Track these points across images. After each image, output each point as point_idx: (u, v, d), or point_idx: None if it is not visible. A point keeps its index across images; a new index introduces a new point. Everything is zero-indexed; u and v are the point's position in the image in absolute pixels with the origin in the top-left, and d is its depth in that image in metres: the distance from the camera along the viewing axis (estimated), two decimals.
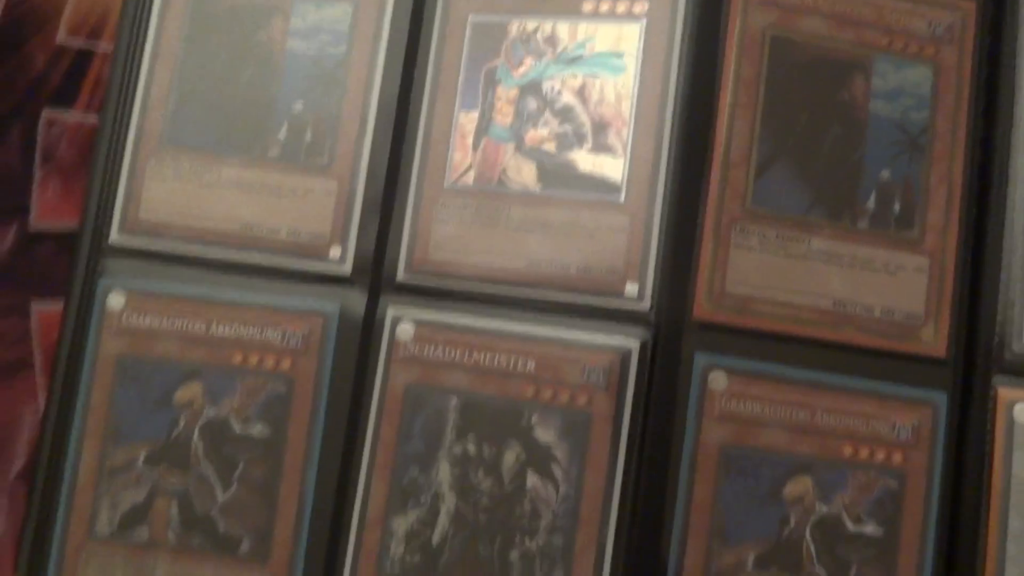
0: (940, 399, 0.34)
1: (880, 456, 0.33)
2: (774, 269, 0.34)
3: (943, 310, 0.34)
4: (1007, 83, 0.36)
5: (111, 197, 0.36)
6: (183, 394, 0.35)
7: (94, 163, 0.37)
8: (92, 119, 0.39)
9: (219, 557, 0.34)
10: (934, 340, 0.34)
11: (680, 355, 0.34)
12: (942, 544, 0.33)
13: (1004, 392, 0.34)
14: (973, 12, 0.36)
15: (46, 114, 0.39)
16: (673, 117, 0.35)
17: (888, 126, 0.35)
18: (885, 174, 0.35)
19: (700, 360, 0.34)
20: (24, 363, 0.38)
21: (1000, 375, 0.34)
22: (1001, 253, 0.35)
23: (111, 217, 0.36)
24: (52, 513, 0.35)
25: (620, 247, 0.34)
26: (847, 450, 0.33)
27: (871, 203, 0.35)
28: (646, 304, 0.34)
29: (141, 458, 0.35)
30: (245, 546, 0.34)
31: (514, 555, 0.33)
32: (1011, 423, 0.34)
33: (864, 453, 0.33)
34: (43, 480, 0.36)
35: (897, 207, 0.35)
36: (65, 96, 0.39)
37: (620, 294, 0.34)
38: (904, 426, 0.33)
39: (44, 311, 0.39)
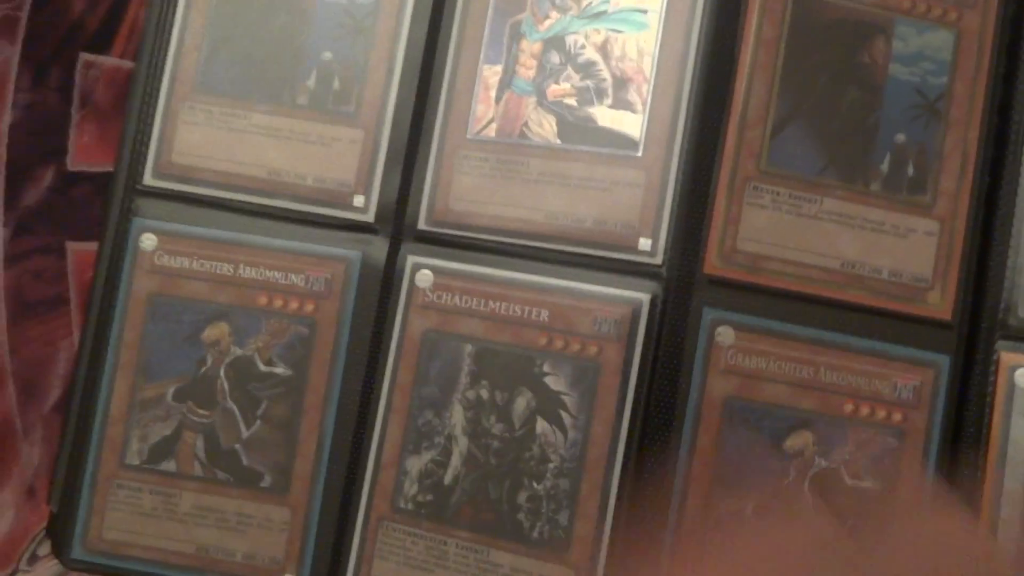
0: (943, 361, 0.34)
1: (881, 414, 0.34)
2: (785, 228, 0.35)
3: (951, 274, 0.35)
4: None
5: (145, 141, 0.37)
6: (210, 333, 0.37)
7: (129, 107, 0.38)
8: (128, 64, 0.40)
9: (241, 489, 0.36)
10: (940, 303, 0.35)
11: (689, 309, 0.35)
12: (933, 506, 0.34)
13: (1007, 356, 0.35)
14: None
15: (83, 58, 0.40)
16: (693, 75, 0.35)
17: (906, 90, 0.35)
18: (900, 137, 0.35)
19: (708, 315, 0.35)
20: (60, 300, 0.40)
21: (1004, 340, 0.35)
22: (1012, 221, 0.35)
23: (144, 160, 0.37)
24: (85, 443, 0.37)
25: (635, 202, 0.35)
26: (848, 407, 0.34)
27: (885, 166, 0.35)
28: (658, 259, 0.35)
29: (170, 393, 0.37)
30: (266, 480, 0.36)
31: (522, 497, 0.35)
32: (1012, 387, 0.34)
33: (865, 411, 0.34)
34: (77, 412, 0.37)
35: (911, 171, 0.35)
36: (102, 41, 0.40)
37: (634, 248, 0.35)
38: (906, 386, 0.34)
39: (80, 250, 0.40)
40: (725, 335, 0.34)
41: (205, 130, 0.37)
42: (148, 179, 0.37)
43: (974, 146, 0.35)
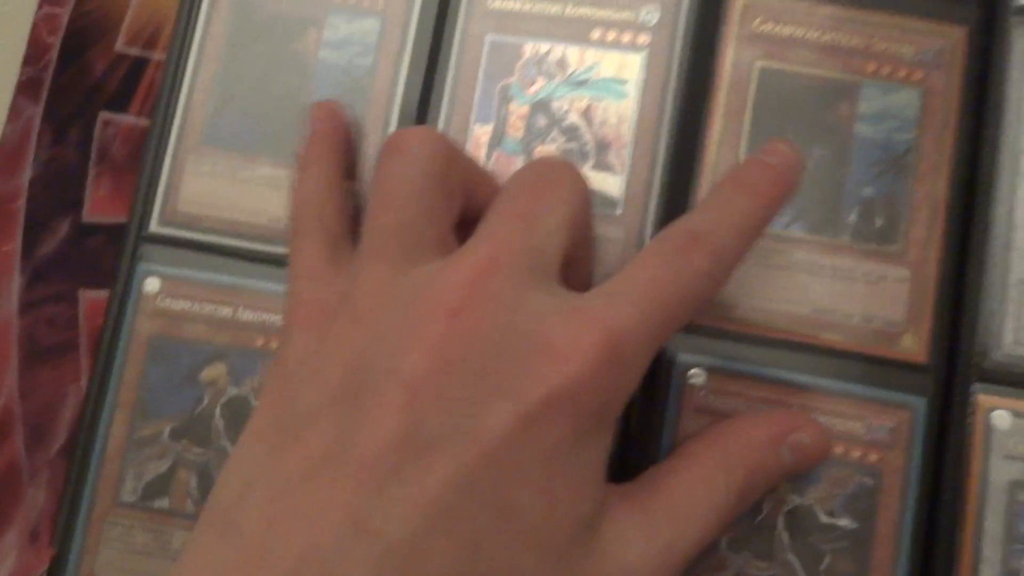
0: (920, 403, 0.35)
1: (856, 454, 0.35)
2: (755, 278, 0.36)
3: (924, 318, 0.36)
4: (994, 106, 0.37)
5: (154, 190, 0.40)
6: (208, 373, 0.38)
7: (142, 160, 0.40)
8: (144, 122, 0.43)
9: None
10: (915, 347, 0.36)
11: (663, 354, 0.36)
12: (918, 542, 0.34)
13: (983, 399, 0.35)
14: (964, 39, 0.38)
15: (102, 116, 0.43)
16: (668, 140, 0.38)
17: (872, 147, 0.37)
18: (868, 191, 0.37)
19: (681, 358, 0.36)
20: (71, 346, 0.42)
21: (979, 382, 0.36)
22: (983, 267, 0.36)
23: (152, 208, 0.40)
24: (83, 482, 0.38)
25: (615, 258, 0.37)
26: None
27: (853, 218, 0.37)
28: None
29: (166, 432, 0.38)
30: None
31: None
32: (989, 429, 0.35)
33: (839, 450, 0.35)
34: (80, 452, 0.39)
35: (879, 222, 0.37)
36: (121, 100, 0.43)
37: None
38: (881, 427, 0.35)
39: (92, 297, 0.42)
40: (697, 377, 0.35)
41: (210, 180, 0.40)
42: (154, 226, 0.40)
43: (943, 196, 0.37)
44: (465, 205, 0.30)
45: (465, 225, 0.30)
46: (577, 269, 0.30)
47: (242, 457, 0.27)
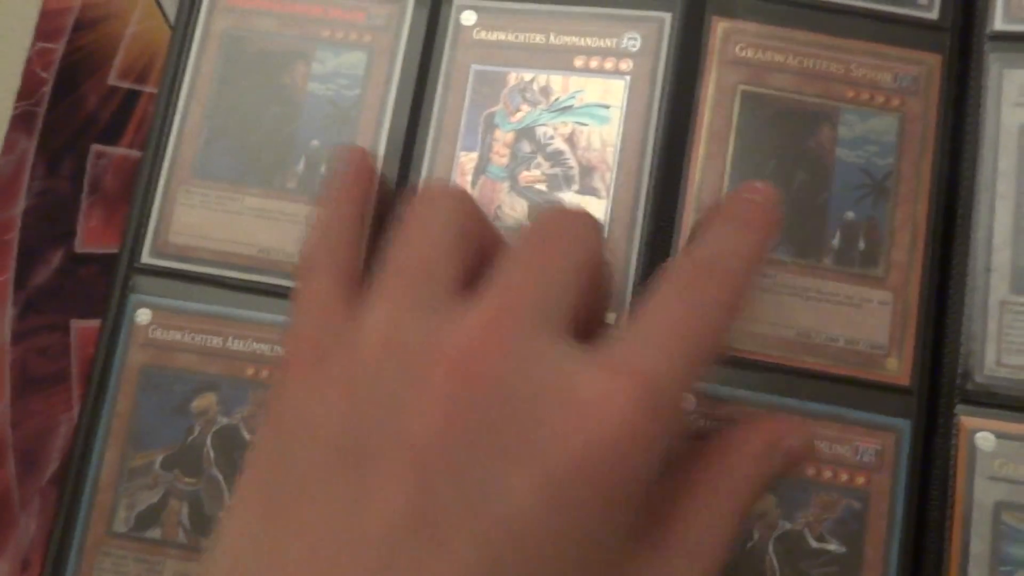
0: (904, 426, 0.36)
1: (843, 478, 0.35)
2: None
3: (907, 341, 0.36)
4: (971, 130, 0.38)
5: (145, 222, 0.40)
6: (199, 403, 0.38)
7: (134, 192, 0.41)
8: (135, 153, 0.44)
9: None
10: (898, 369, 0.36)
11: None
12: (906, 564, 0.34)
13: (967, 420, 0.36)
14: (939, 65, 0.39)
15: (95, 148, 0.44)
16: (651, 164, 0.38)
17: (853, 171, 0.38)
18: (850, 215, 0.37)
19: None
20: (62, 376, 0.42)
21: (963, 404, 0.36)
22: (964, 290, 0.37)
23: (144, 240, 0.40)
24: (75, 512, 0.38)
25: None
26: (810, 471, 0.35)
27: (836, 242, 0.37)
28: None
29: (158, 462, 0.38)
30: None
31: None
32: (973, 450, 0.35)
33: (827, 474, 0.35)
34: (71, 482, 0.39)
35: (862, 245, 0.37)
36: (113, 132, 0.44)
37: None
38: (867, 450, 0.35)
39: (83, 327, 0.42)
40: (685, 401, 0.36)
41: (201, 212, 0.40)
42: (146, 257, 0.40)
43: (924, 220, 0.37)
44: (481, 263, 0.28)
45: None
46: (593, 318, 0.29)
47: (232, 528, 0.23)
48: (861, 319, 0.36)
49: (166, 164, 0.40)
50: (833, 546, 0.34)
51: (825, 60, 0.39)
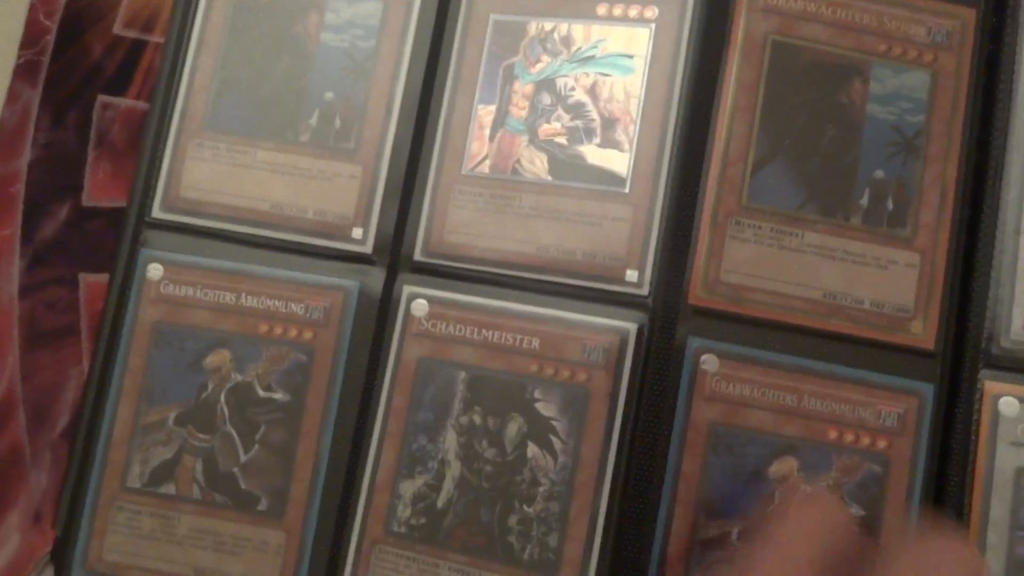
0: (927, 390, 0.35)
1: (865, 441, 0.35)
2: (767, 260, 0.36)
3: (933, 304, 0.36)
4: (1005, 89, 0.37)
5: (155, 176, 0.39)
6: (212, 360, 0.38)
7: (142, 145, 0.40)
8: (143, 105, 0.42)
9: (238, 513, 0.37)
10: (923, 333, 0.35)
11: (674, 338, 0.36)
12: (925, 527, 0.34)
13: (990, 385, 0.35)
14: (973, 19, 0.37)
15: (101, 100, 0.43)
16: (677, 116, 0.37)
17: (884, 128, 0.37)
18: (879, 174, 0.36)
19: (693, 343, 0.35)
20: (71, 330, 0.41)
21: (987, 369, 0.35)
22: (992, 252, 0.36)
23: (154, 194, 0.39)
24: (89, 467, 0.38)
25: (623, 236, 0.37)
26: (832, 434, 0.35)
27: (864, 201, 0.36)
28: (645, 289, 0.36)
29: (172, 418, 0.38)
30: (263, 504, 0.37)
31: (513, 520, 0.35)
32: (996, 415, 0.35)
33: (849, 438, 0.35)
34: (83, 436, 0.38)
35: (890, 205, 0.36)
36: (119, 83, 0.42)
37: (621, 280, 0.36)
38: (890, 414, 0.35)
39: (92, 281, 0.42)
40: (709, 363, 0.35)
41: (212, 166, 0.39)
42: (156, 212, 0.39)
43: (953, 180, 0.36)
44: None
45: None
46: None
47: None
48: (887, 281, 0.36)
49: (176, 116, 0.39)
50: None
51: (858, 11, 0.37)
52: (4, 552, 0.39)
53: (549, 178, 0.37)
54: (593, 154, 0.37)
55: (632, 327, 0.36)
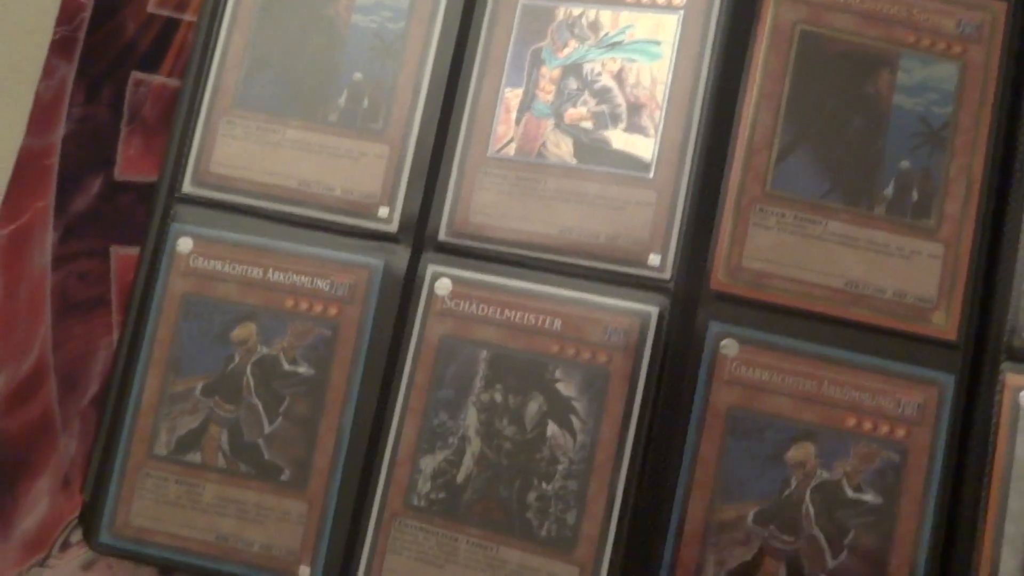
0: (947, 380, 0.35)
1: (884, 430, 0.35)
2: (790, 248, 0.36)
3: (955, 295, 0.36)
4: None
5: (186, 151, 0.40)
6: (239, 333, 0.39)
7: (174, 121, 0.41)
8: (175, 82, 0.43)
9: (262, 483, 0.38)
10: (945, 324, 0.36)
11: (695, 322, 0.36)
12: (941, 518, 0.34)
13: (1012, 378, 0.35)
14: (1004, 13, 0.37)
15: (134, 76, 0.43)
16: (703, 103, 0.37)
17: (910, 119, 0.37)
18: (905, 164, 0.36)
19: (714, 328, 0.36)
20: (102, 301, 0.42)
21: (1009, 361, 0.35)
22: (1016, 245, 0.36)
23: (185, 169, 0.40)
24: (117, 434, 0.39)
25: (646, 220, 0.37)
26: (851, 421, 0.35)
27: (889, 191, 0.36)
28: (667, 274, 0.36)
29: (198, 388, 0.39)
30: (286, 474, 0.38)
31: (531, 496, 0.36)
32: (1016, 408, 0.35)
33: (867, 425, 0.35)
34: (112, 405, 0.39)
35: (915, 196, 0.36)
36: (152, 60, 0.43)
37: (644, 263, 0.37)
38: (909, 403, 0.35)
39: (123, 254, 0.43)
40: (729, 347, 0.36)
41: (242, 142, 0.40)
42: (187, 187, 0.40)
43: (979, 172, 0.36)
44: None
45: None
46: None
47: None
48: (910, 271, 0.36)
49: (207, 94, 0.40)
50: (869, 497, 0.34)
51: (887, 2, 0.37)
52: (34, 515, 0.40)
53: (574, 162, 0.38)
54: (618, 139, 0.38)
55: (653, 310, 0.36)
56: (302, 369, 0.38)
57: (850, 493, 0.34)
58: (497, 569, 0.36)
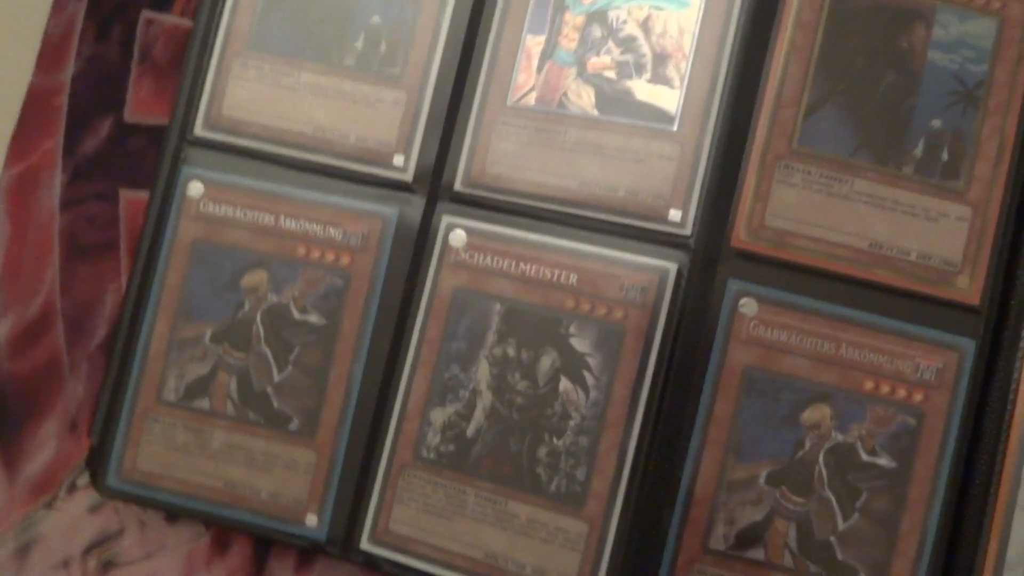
0: (968, 345, 0.35)
1: (901, 393, 0.34)
2: (815, 206, 0.35)
3: (981, 260, 0.35)
4: None
5: (198, 94, 0.39)
6: (249, 280, 0.38)
7: (185, 62, 0.40)
8: (187, 22, 0.42)
9: (270, 431, 0.38)
10: (969, 288, 0.35)
11: (714, 280, 0.35)
12: (955, 484, 0.34)
13: None
14: None
15: (145, 15, 0.42)
16: (731, 54, 0.36)
17: (944, 76, 0.35)
18: (936, 123, 0.35)
19: (733, 286, 0.35)
20: (110, 245, 0.42)
21: None
22: None
23: (196, 112, 0.39)
24: (125, 379, 0.39)
25: (668, 174, 0.36)
26: (868, 384, 0.34)
27: (919, 150, 0.35)
28: (687, 230, 0.36)
29: (208, 335, 0.38)
30: (294, 424, 0.38)
31: (542, 451, 0.36)
32: None
33: (885, 389, 0.34)
34: (120, 349, 0.39)
35: (945, 156, 0.35)
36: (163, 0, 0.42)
37: (664, 219, 0.36)
38: (928, 367, 0.34)
39: (132, 198, 0.42)
40: (748, 306, 0.35)
41: (255, 86, 0.39)
42: (199, 130, 0.39)
43: (1012, 134, 0.35)
44: None
45: None
46: None
47: None
48: (936, 234, 0.35)
49: (220, 35, 0.39)
50: (884, 461, 0.34)
51: None
52: (41, 458, 0.40)
53: (596, 112, 0.37)
54: (642, 90, 0.37)
55: (672, 267, 0.35)
56: (313, 318, 0.38)
57: (864, 456, 0.34)
58: (505, 523, 0.36)
